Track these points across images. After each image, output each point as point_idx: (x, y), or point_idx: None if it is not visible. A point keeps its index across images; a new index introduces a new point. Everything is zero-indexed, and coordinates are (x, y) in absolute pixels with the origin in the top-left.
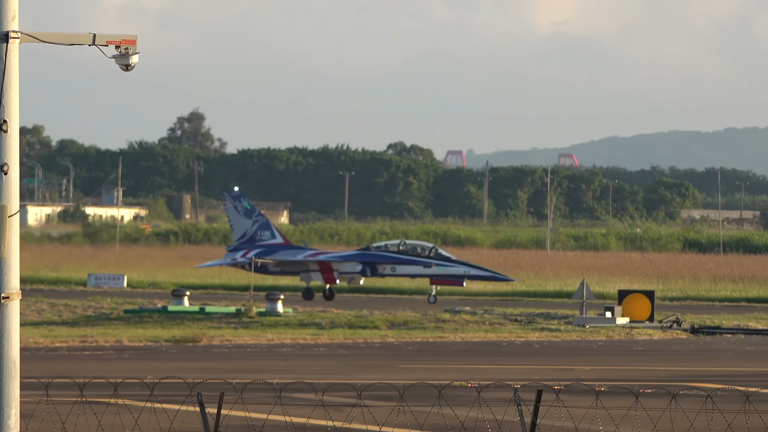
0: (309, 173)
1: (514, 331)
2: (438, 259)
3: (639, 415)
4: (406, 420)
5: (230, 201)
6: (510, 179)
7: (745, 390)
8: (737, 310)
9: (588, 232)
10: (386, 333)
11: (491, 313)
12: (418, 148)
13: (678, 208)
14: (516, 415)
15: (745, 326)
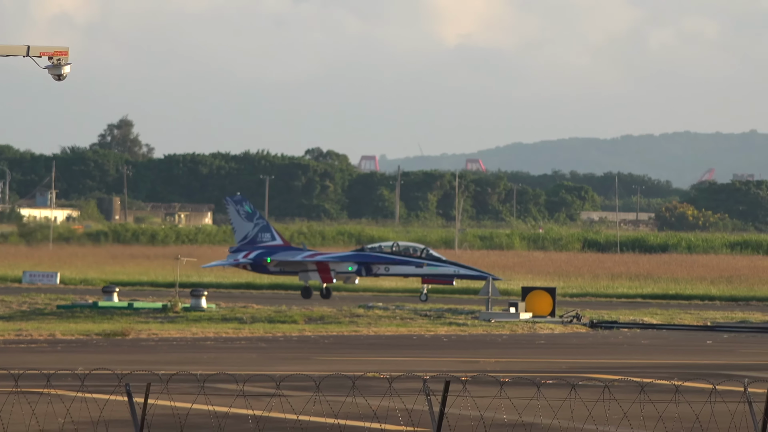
0: (231, 177)
1: (424, 326)
2: (429, 260)
3: (541, 405)
4: (322, 409)
5: (233, 205)
6: (420, 183)
7: (640, 381)
8: (633, 306)
9: (493, 232)
10: (304, 327)
11: (402, 308)
12: (334, 154)
13: (578, 210)
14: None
15: (641, 321)
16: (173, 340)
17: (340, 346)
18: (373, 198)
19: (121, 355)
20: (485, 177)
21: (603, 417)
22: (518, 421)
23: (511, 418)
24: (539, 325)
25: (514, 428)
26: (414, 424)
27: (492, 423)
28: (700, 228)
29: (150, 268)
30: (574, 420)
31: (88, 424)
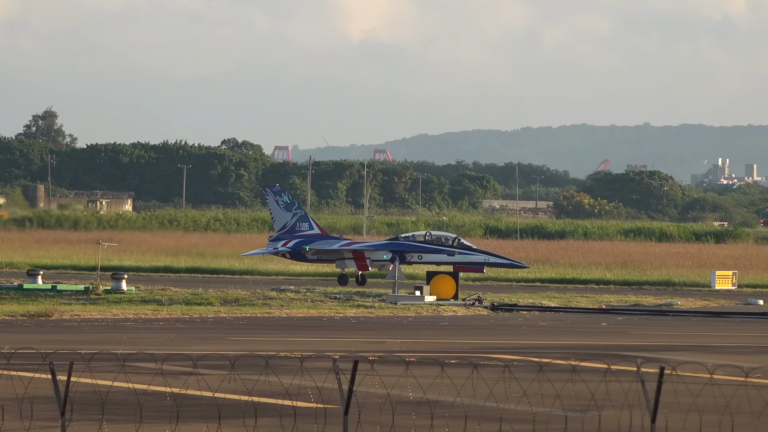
0: (151, 166)
1: (334, 308)
2: (461, 248)
3: (445, 383)
4: (236, 387)
5: (272, 196)
6: (331, 172)
7: (539, 361)
8: (532, 290)
9: (400, 219)
10: (219, 309)
11: (313, 291)
12: (249, 144)
13: (480, 198)
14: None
15: (539, 304)
16: (95, 320)
17: (253, 327)
18: (286, 186)
19: (45, 335)
20: (392, 167)
21: (503, 395)
22: (423, 398)
23: (417, 396)
24: (443, 308)
25: (419, 405)
26: (324, 402)
27: (398, 400)
28: (595, 216)
29: (73, 252)
30: (476, 398)
31: (13, 400)
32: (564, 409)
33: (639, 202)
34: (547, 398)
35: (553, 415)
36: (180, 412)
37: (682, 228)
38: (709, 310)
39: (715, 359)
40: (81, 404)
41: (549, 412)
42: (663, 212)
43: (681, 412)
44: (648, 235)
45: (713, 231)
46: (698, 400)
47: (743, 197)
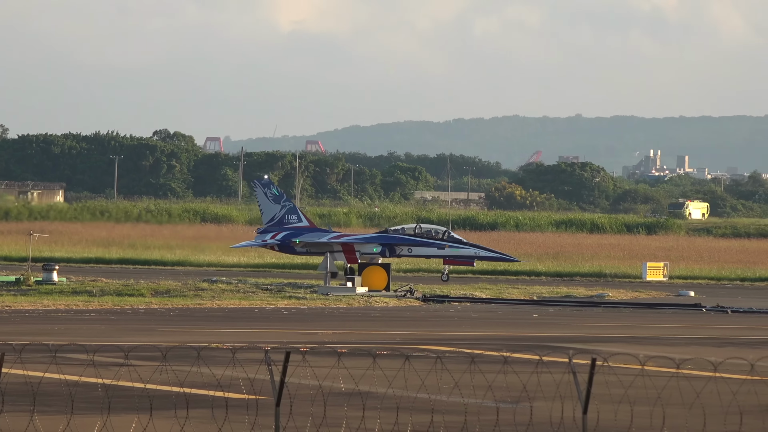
0: (82, 157)
1: (266, 299)
2: (451, 242)
3: (376, 374)
4: (168, 378)
5: (260, 188)
6: (263, 163)
7: (470, 352)
8: (464, 281)
9: (332, 210)
10: (151, 300)
11: (245, 282)
12: (181, 135)
13: (412, 189)
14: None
15: (471, 295)
16: (26, 312)
17: (185, 318)
18: (218, 177)
19: None
20: (324, 158)
21: (435, 386)
22: (355, 389)
23: (348, 387)
24: (375, 299)
25: (351, 397)
26: (256, 393)
27: (330, 392)
28: (527, 207)
29: (3, 243)
30: (408, 389)
31: None
32: (496, 401)
33: (571, 193)
34: (478, 389)
35: (485, 407)
36: (111, 404)
37: (613, 219)
38: (641, 302)
39: (647, 350)
40: (12, 395)
41: (481, 404)
42: (595, 204)
43: (612, 403)
44: (579, 226)
45: (644, 223)
46: (629, 391)
47: (675, 189)
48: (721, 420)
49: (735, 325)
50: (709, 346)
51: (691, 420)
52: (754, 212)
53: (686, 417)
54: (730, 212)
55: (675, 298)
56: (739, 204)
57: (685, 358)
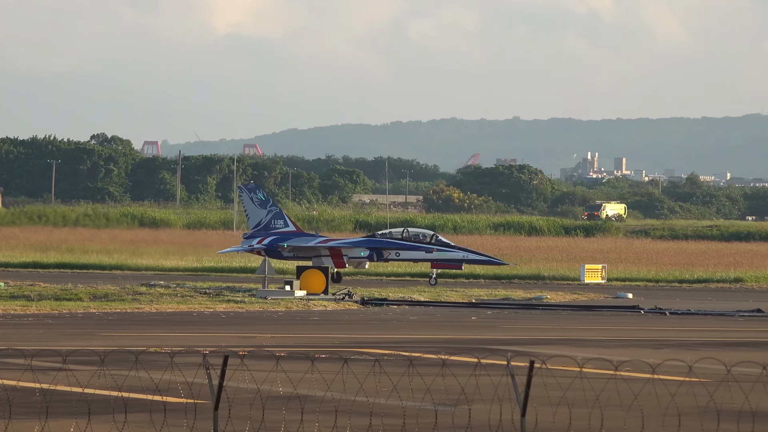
0: (20, 161)
1: (204, 303)
2: (438, 245)
3: (315, 378)
4: (106, 382)
5: (246, 193)
6: (200, 167)
7: (409, 355)
8: (402, 284)
9: None
10: (89, 304)
11: (183, 286)
12: (119, 139)
13: (350, 193)
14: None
15: (409, 298)
16: None
17: (123, 322)
18: (155, 181)
19: None
20: (262, 161)
21: (374, 389)
22: (293, 393)
23: (287, 391)
24: (313, 302)
25: (290, 400)
26: (194, 397)
27: (268, 395)
28: (465, 210)
29: None
30: (347, 392)
31: None
32: (434, 404)
33: (509, 196)
34: (417, 392)
35: (424, 410)
36: (50, 408)
37: (551, 222)
38: (579, 304)
39: (585, 353)
40: None
41: (419, 407)
42: (533, 206)
43: (551, 406)
44: (518, 229)
45: (582, 225)
46: (568, 394)
47: (612, 191)
48: (659, 422)
49: (673, 326)
50: (647, 348)
51: (629, 422)
52: (691, 214)
53: (624, 419)
54: (667, 214)
55: (613, 300)
56: (676, 206)
57: (623, 359)
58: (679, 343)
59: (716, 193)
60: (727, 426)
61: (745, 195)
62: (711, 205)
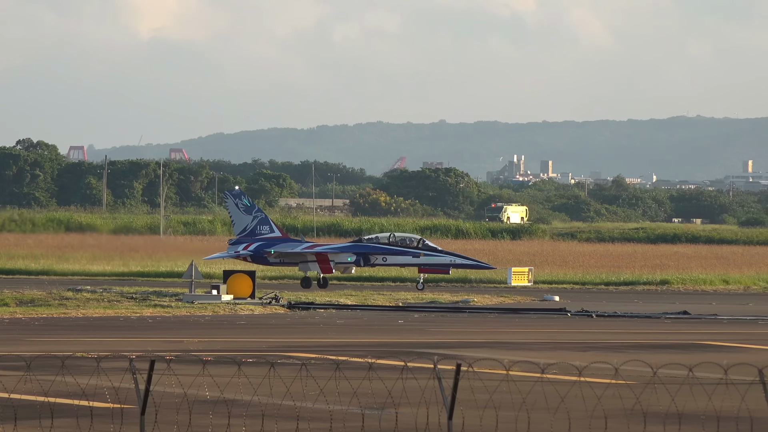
0: None
1: (131, 308)
2: (426, 250)
3: (242, 382)
4: (32, 387)
5: (231, 199)
6: (127, 171)
7: (335, 359)
8: (329, 288)
9: (196, 218)
10: (15, 310)
11: (110, 291)
12: (44, 144)
13: (277, 197)
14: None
15: (336, 302)
16: None
17: (50, 327)
18: (82, 186)
19: None
20: (188, 166)
21: (301, 393)
22: (220, 397)
23: (214, 395)
24: (240, 307)
25: (216, 405)
26: (121, 402)
27: (195, 400)
28: (392, 213)
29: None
30: (273, 396)
31: None
32: (361, 407)
33: (435, 199)
34: (344, 396)
35: (351, 413)
36: None
37: (477, 225)
38: (506, 307)
39: (512, 355)
40: None
41: (346, 410)
42: (459, 209)
43: (478, 409)
44: (444, 232)
45: (508, 228)
46: (495, 397)
47: (539, 194)
48: (585, 424)
49: (599, 329)
50: (574, 351)
51: (556, 424)
52: (617, 216)
53: (551, 421)
54: (594, 217)
55: (540, 303)
56: (603, 208)
57: (549, 362)
58: (605, 345)
59: (642, 195)
60: (654, 428)
61: (671, 197)
62: (637, 208)
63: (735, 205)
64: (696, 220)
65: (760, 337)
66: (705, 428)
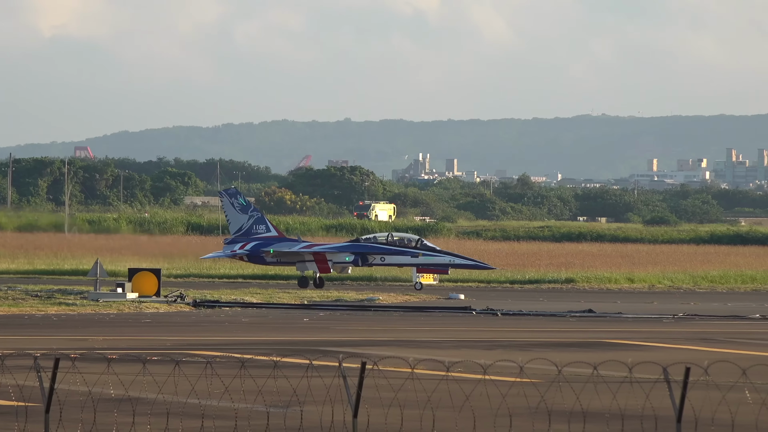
0: None
1: (35, 306)
2: (424, 250)
3: (147, 380)
4: None
5: (227, 198)
6: (31, 169)
7: (240, 357)
8: (234, 286)
9: (101, 216)
10: None
11: (14, 289)
12: None
13: (182, 195)
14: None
15: (242, 300)
16: None
17: None
18: None
19: None
20: (93, 164)
21: (206, 391)
22: (125, 395)
23: (119, 393)
24: (145, 305)
25: (121, 403)
26: (25, 400)
27: (100, 398)
28: (297, 212)
29: None
30: (178, 394)
31: None
32: (266, 405)
33: (341, 197)
34: (249, 394)
35: (256, 411)
36: None
37: (383, 223)
38: (411, 305)
39: (417, 354)
40: None
41: (251, 408)
42: None
43: (383, 407)
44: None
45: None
46: (400, 395)
47: (444, 192)
48: (490, 423)
49: (504, 327)
50: (479, 349)
51: (460, 422)
52: (522, 215)
53: (456, 419)
54: (499, 215)
55: (445, 302)
56: (508, 207)
57: (454, 361)
58: (510, 343)
59: (547, 194)
60: (558, 426)
61: (576, 196)
62: (542, 206)
63: (640, 203)
64: (601, 219)
65: (664, 335)
66: (609, 426)
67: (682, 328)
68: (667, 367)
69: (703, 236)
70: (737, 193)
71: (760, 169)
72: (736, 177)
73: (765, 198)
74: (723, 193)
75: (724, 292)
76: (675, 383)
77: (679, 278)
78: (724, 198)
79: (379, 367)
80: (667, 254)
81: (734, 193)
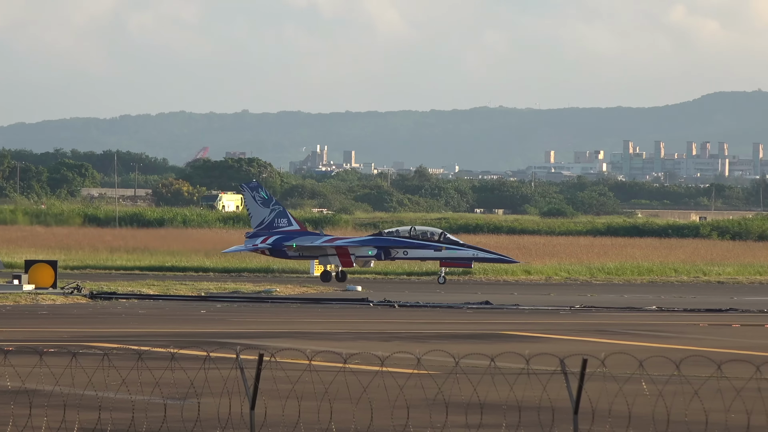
0: None
1: None
2: (447, 243)
3: (43, 372)
4: None
5: (248, 191)
6: None
7: (138, 349)
8: (131, 278)
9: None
10: None
11: None
12: None
13: (79, 186)
14: None
15: (139, 292)
16: None
17: None
18: None
19: None
20: None
21: (102, 383)
22: (22, 387)
23: (15, 385)
24: (42, 297)
25: (17, 395)
26: None
27: None
28: (195, 203)
29: None
30: (75, 387)
31: None
32: (164, 397)
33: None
34: (146, 386)
35: (153, 403)
36: None
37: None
38: (308, 297)
39: (315, 345)
40: None
41: (148, 400)
42: None
43: (280, 399)
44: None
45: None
46: (297, 387)
47: (341, 184)
48: (388, 414)
49: (402, 319)
50: (376, 341)
51: (358, 414)
52: (420, 207)
53: (353, 411)
54: (396, 207)
55: (342, 293)
56: (405, 198)
57: (352, 352)
58: (408, 335)
59: (445, 185)
60: (456, 418)
61: (474, 187)
62: (440, 198)
63: (537, 195)
64: (498, 211)
65: (561, 327)
66: (507, 418)
67: (579, 320)
68: (564, 358)
69: (599, 228)
70: (634, 186)
71: (657, 162)
72: (632, 169)
73: (661, 190)
74: (620, 185)
75: (620, 284)
76: (572, 375)
77: (575, 270)
78: (621, 190)
79: (277, 358)
80: (563, 246)
81: (631, 186)
